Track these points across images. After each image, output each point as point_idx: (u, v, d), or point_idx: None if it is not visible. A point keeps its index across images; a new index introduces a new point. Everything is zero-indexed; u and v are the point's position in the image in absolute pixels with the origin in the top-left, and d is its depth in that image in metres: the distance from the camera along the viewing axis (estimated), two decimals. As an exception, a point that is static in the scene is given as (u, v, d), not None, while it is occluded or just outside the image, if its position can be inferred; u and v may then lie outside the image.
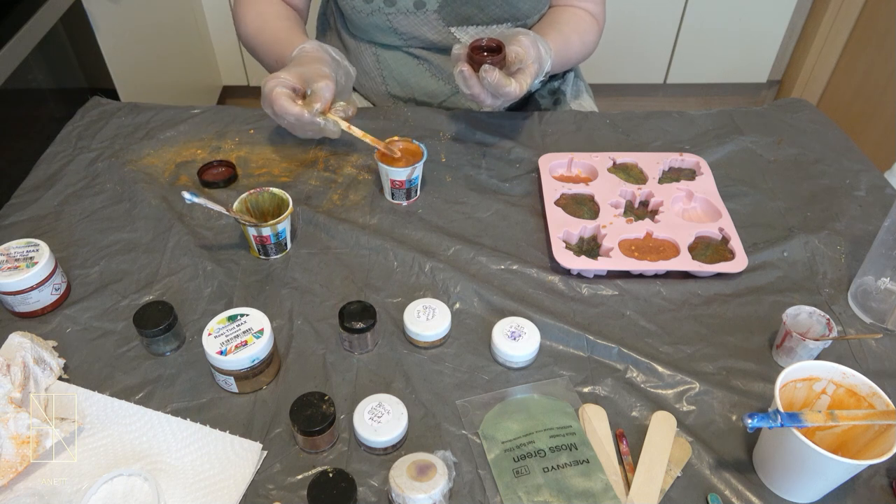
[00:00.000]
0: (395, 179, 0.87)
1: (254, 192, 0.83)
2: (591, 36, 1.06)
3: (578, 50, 1.04)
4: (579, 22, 1.04)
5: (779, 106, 1.11)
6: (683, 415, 0.68)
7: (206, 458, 0.63)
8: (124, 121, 1.04)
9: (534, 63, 0.87)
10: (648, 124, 1.06)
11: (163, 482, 0.61)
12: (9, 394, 0.63)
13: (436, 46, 1.04)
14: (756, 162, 0.99)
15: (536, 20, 1.06)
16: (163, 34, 1.92)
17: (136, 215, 0.88)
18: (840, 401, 0.62)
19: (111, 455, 0.64)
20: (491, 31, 1.02)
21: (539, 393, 0.69)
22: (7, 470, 0.60)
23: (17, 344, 0.67)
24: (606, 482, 0.61)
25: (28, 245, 0.75)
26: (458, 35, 1.02)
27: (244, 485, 0.62)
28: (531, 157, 0.98)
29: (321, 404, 0.63)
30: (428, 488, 0.57)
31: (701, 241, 0.84)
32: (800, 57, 2.36)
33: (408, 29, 1.02)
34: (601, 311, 0.77)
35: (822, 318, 0.71)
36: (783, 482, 0.61)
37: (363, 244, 0.84)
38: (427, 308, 0.74)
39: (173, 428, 0.66)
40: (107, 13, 1.55)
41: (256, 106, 1.09)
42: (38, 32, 1.24)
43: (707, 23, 2.25)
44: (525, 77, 0.86)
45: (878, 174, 0.97)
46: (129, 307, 0.76)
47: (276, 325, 0.75)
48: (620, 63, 2.34)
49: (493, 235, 0.86)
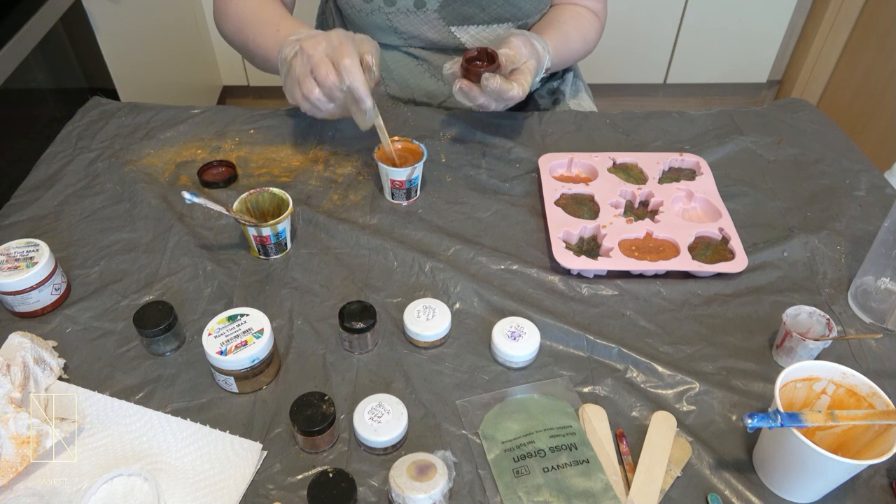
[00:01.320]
0: (394, 179, 0.87)
1: (254, 192, 0.83)
2: (592, 33, 1.06)
3: (579, 47, 1.05)
4: (580, 19, 1.04)
5: (779, 106, 1.11)
6: (683, 415, 0.68)
7: (206, 458, 0.63)
8: (124, 121, 1.04)
9: (529, 59, 0.87)
10: (648, 124, 1.06)
11: (163, 482, 0.61)
12: (9, 394, 0.63)
13: (436, 46, 1.04)
14: (756, 162, 0.99)
15: (538, 19, 1.06)
16: (163, 34, 1.92)
17: (136, 215, 0.88)
18: (840, 401, 0.62)
19: (111, 455, 0.64)
20: (491, 31, 1.02)
21: (539, 393, 0.69)
22: (7, 470, 0.60)
23: (17, 344, 0.67)
24: (606, 482, 0.61)
25: (28, 245, 0.75)
26: (459, 35, 1.02)
27: (244, 485, 0.62)
28: (531, 157, 0.98)
29: (321, 404, 0.63)
30: (428, 488, 0.57)
31: (701, 241, 0.84)
32: (800, 57, 2.36)
33: (408, 28, 1.02)
34: (601, 311, 0.77)
35: (822, 318, 0.71)
36: (783, 482, 0.61)
37: (363, 244, 0.84)
38: (427, 308, 0.74)
39: (173, 428, 0.66)
40: (107, 13, 1.55)
41: (256, 106, 1.09)
42: (38, 32, 1.25)
43: (707, 23, 2.25)
44: (524, 77, 0.86)
45: (878, 174, 0.97)
46: (129, 307, 0.76)
47: (276, 325, 0.75)
48: (620, 63, 2.34)
49: (493, 235, 0.86)
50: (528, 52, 0.87)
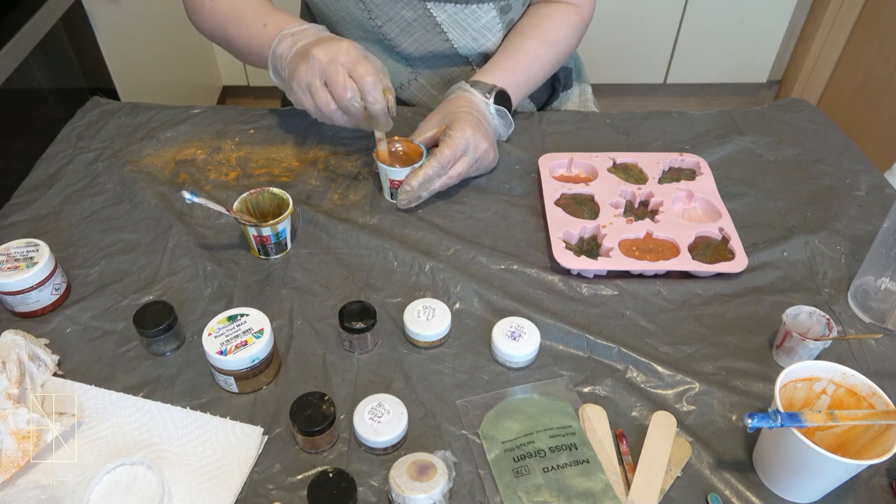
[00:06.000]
0: (394, 179, 0.87)
1: (254, 192, 0.83)
2: (572, 38, 1.03)
3: (552, 61, 1.01)
4: (556, 29, 1.00)
5: (779, 106, 1.11)
6: (683, 415, 0.68)
7: (209, 445, 0.64)
8: (124, 121, 1.04)
9: (464, 154, 0.86)
10: (648, 124, 1.06)
11: (166, 470, 0.62)
12: (6, 390, 0.63)
13: (410, 27, 0.98)
14: (756, 162, 0.99)
15: (521, 9, 1.02)
16: (163, 34, 1.92)
17: (136, 215, 0.88)
18: (840, 401, 0.62)
19: (112, 446, 0.64)
20: (471, 12, 0.96)
21: (539, 393, 0.69)
22: (9, 465, 0.60)
23: (10, 342, 0.68)
24: (606, 482, 0.61)
25: (28, 245, 0.75)
26: (435, 12, 0.96)
27: (247, 468, 0.62)
28: (531, 157, 0.98)
29: (321, 404, 0.63)
30: (428, 488, 0.57)
31: (701, 241, 0.84)
32: (800, 57, 2.36)
33: (382, 8, 0.96)
34: (601, 311, 0.77)
35: (822, 318, 0.71)
36: (783, 482, 0.61)
37: (363, 244, 0.84)
38: (427, 308, 0.74)
39: (173, 416, 0.66)
40: (107, 13, 1.55)
41: (256, 106, 1.09)
42: (38, 32, 1.25)
43: (707, 23, 2.25)
44: (454, 167, 0.86)
45: (878, 174, 0.97)
46: (129, 307, 0.76)
47: (276, 325, 0.75)
48: (620, 63, 2.34)
49: (493, 235, 0.86)
50: (464, 145, 0.85)
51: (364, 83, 0.78)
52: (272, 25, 0.88)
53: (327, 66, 0.78)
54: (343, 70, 0.78)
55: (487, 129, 0.91)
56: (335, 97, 0.80)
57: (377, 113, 0.80)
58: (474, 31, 0.98)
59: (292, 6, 1.08)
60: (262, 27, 0.89)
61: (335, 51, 0.79)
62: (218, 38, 0.98)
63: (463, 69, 1.05)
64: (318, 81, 0.79)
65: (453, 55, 1.02)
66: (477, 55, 1.03)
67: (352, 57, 0.79)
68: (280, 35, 0.85)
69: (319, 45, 0.80)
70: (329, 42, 0.80)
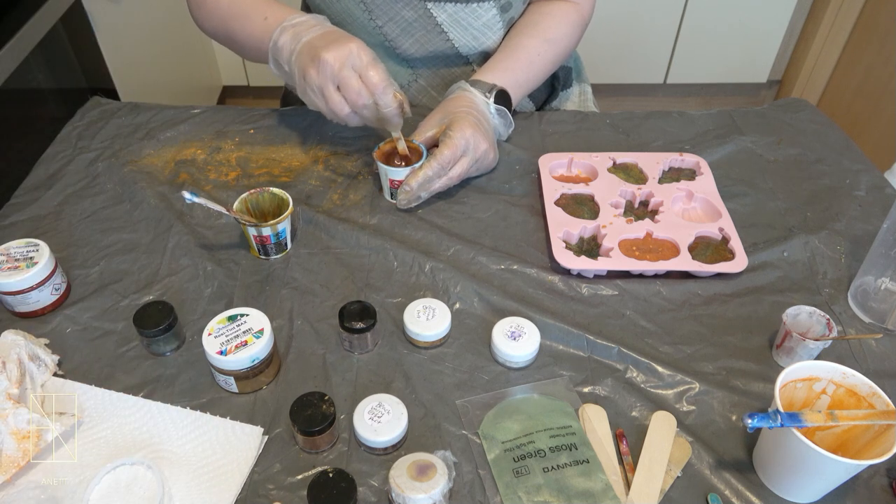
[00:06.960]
0: (394, 179, 0.87)
1: (254, 192, 0.83)
2: (572, 37, 1.03)
3: (552, 59, 1.01)
4: (556, 27, 1.00)
5: (779, 106, 1.11)
6: (683, 415, 0.68)
7: (209, 444, 0.64)
8: (124, 121, 1.04)
9: (464, 155, 0.86)
10: (648, 124, 1.06)
11: (166, 470, 0.62)
12: (6, 390, 0.63)
13: (411, 27, 0.98)
14: (756, 162, 0.99)
15: (522, 7, 1.02)
16: (163, 34, 1.92)
17: (136, 215, 0.88)
18: (840, 401, 0.62)
19: (112, 446, 0.64)
20: (471, 11, 0.96)
21: (539, 393, 0.69)
22: (10, 465, 0.60)
23: (10, 342, 0.68)
24: (606, 482, 0.61)
25: (28, 245, 0.75)
26: (435, 12, 0.96)
27: (247, 468, 0.62)
28: (531, 157, 0.98)
29: (321, 404, 0.63)
30: (428, 488, 0.57)
31: (701, 241, 0.84)
32: (800, 57, 2.36)
33: (382, 7, 0.96)
34: (601, 311, 0.77)
35: (822, 318, 0.71)
36: (783, 482, 0.61)
37: (363, 244, 0.84)
38: (427, 308, 0.74)
39: (173, 416, 0.66)
40: (107, 13, 1.55)
41: (256, 106, 1.09)
42: (38, 32, 1.25)
43: (707, 23, 2.25)
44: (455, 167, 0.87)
45: (878, 174, 0.97)
46: (129, 307, 0.76)
47: (276, 325, 0.75)
48: (620, 63, 2.34)
49: (493, 235, 0.86)
50: (464, 145, 0.86)
51: (377, 88, 0.80)
52: (273, 18, 0.89)
53: (339, 71, 0.80)
54: (355, 75, 0.80)
55: (487, 129, 0.91)
56: (349, 102, 0.82)
57: (390, 115, 0.83)
58: (475, 29, 0.98)
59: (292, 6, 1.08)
60: (263, 20, 0.90)
61: (345, 54, 0.80)
62: (220, 35, 0.99)
63: (463, 69, 1.05)
64: (332, 86, 0.81)
65: (454, 55, 1.02)
66: (477, 54, 1.03)
67: (363, 61, 0.80)
68: (281, 26, 0.86)
69: (328, 47, 0.80)
70: (337, 43, 0.81)
